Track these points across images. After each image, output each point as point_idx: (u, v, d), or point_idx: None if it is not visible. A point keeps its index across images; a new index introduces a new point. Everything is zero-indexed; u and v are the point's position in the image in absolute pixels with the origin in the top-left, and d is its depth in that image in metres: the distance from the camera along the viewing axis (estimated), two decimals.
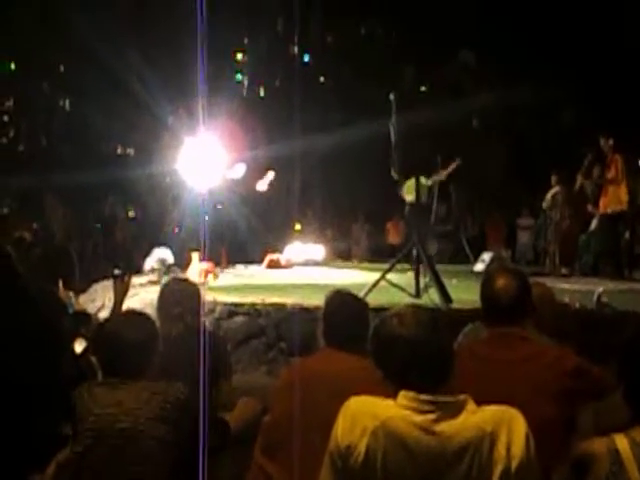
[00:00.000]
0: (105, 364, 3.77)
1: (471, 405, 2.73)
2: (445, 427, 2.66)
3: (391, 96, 8.31)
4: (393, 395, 2.76)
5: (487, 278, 3.83)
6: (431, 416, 2.67)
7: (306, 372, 3.90)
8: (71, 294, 5.79)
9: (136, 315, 3.97)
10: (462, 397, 2.74)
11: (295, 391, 3.73)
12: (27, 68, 21.63)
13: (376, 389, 2.88)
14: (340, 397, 2.91)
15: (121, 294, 5.23)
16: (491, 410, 2.73)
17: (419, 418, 2.67)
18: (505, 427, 2.66)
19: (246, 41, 23.61)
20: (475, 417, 2.69)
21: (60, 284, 5.57)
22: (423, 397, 2.70)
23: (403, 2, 20.24)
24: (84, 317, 5.51)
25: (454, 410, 2.69)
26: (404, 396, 2.73)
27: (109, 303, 6.86)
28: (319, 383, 3.75)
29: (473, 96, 18.24)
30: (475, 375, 3.22)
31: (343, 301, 4.22)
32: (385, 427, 2.67)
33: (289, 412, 3.70)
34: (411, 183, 10.37)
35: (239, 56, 23.95)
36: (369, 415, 2.72)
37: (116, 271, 5.24)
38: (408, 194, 10.71)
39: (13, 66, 22.56)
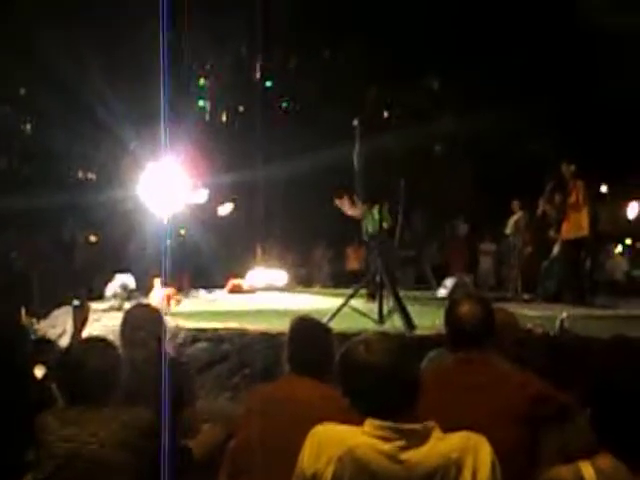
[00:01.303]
0: (67, 391, 3.72)
1: (437, 432, 2.72)
2: (411, 455, 2.65)
3: (355, 122, 8.32)
4: (359, 422, 2.76)
5: (452, 304, 3.85)
6: (398, 444, 2.67)
7: (269, 398, 3.90)
8: (34, 320, 5.76)
9: (98, 342, 3.93)
10: (429, 424, 2.73)
11: (258, 417, 3.72)
12: None
13: (338, 416, 2.87)
14: (303, 423, 2.91)
15: (80, 324, 5.19)
16: (457, 437, 2.73)
17: (386, 446, 2.67)
18: (471, 454, 2.66)
19: (209, 66, 23.59)
20: (441, 444, 2.69)
21: (22, 310, 5.54)
22: (390, 425, 2.69)
23: (366, 27, 20.32)
24: (46, 344, 5.47)
25: (420, 438, 2.69)
26: (370, 424, 2.72)
27: (70, 329, 6.81)
28: (282, 409, 3.74)
29: (436, 121, 18.34)
30: (439, 400, 3.21)
31: (307, 327, 4.23)
32: (351, 454, 2.66)
33: (253, 438, 3.69)
34: (371, 214, 10.42)
35: (202, 81, 23.90)
36: (335, 442, 2.71)
37: (75, 302, 5.21)
38: (371, 225, 10.72)
39: None
